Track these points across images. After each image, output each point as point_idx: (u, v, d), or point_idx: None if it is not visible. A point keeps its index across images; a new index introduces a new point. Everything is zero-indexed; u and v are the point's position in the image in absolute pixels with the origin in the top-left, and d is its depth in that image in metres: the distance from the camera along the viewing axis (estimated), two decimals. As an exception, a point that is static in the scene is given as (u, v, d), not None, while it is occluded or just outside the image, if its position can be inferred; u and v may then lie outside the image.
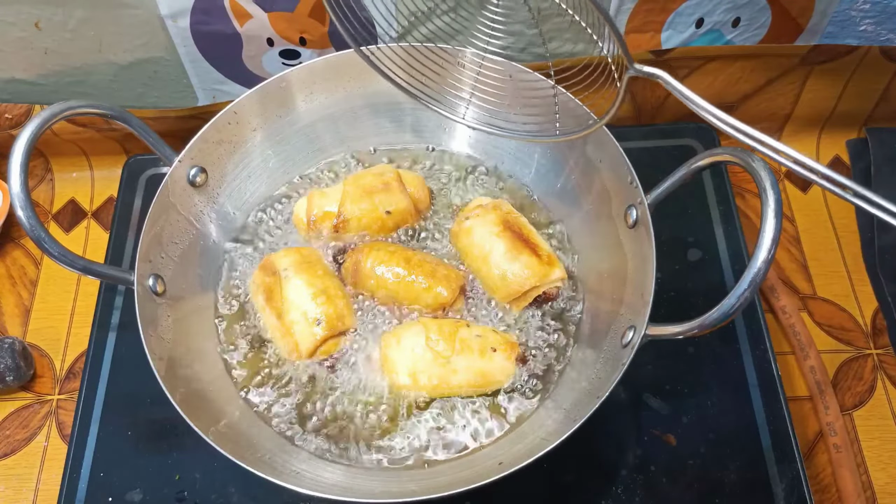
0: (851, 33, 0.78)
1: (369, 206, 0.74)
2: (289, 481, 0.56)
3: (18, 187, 0.58)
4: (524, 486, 0.68)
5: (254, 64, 0.82)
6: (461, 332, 0.67)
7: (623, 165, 0.65)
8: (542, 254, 0.71)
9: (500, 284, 0.71)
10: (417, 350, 0.67)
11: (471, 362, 0.66)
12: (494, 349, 0.67)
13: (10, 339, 0.78)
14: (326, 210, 0.74)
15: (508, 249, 0.70)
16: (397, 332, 0.69)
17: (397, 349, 0.67)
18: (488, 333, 0.68)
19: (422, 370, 0.66)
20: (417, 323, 0.69)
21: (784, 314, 0.79)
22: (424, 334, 0.67)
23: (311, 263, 0.71)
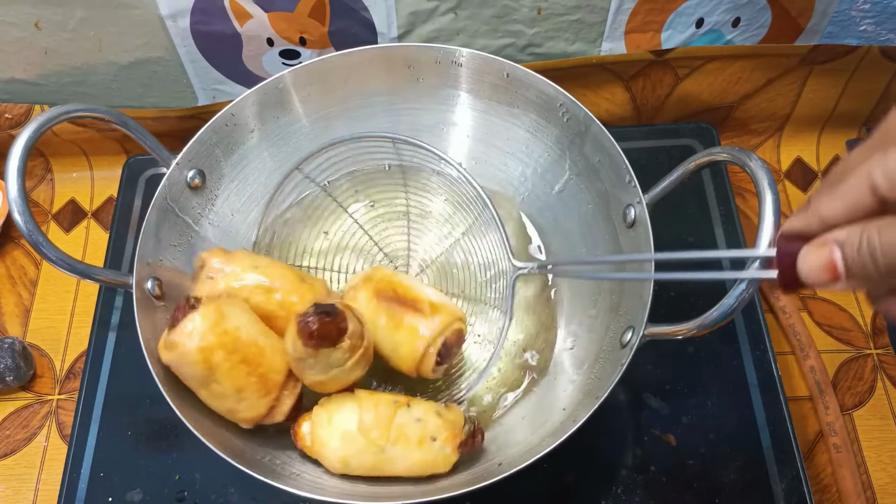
0: (851, 33, 0.78)
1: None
2: (288, 484, 0.56)
3: (16, 192, 0.58)
4: (524, 486, 0.68)
5: (254, 64, 0.82)
6: (399, 417, 0.60)
7: (621, 165, 0.65)
8: (423, 307, 0.63)
9: (396, 360, 0.64)
10: (349, 435, 0.60)
11: (407, 452, 0.60)
12: (434, 438, 0.60)
13: (10, 339, 0.78)
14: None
15: (388, 320, 0.64)
16: (329, 407, 0.62)
17: (328, 429, 0.61)
18: (430, 416, 0.61)
19: (353, 456, 0.60)
20: (352, 398, 0.62)
21: (784, 314, 0.80)
22: (358, 416, 0.60)
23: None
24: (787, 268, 0.40)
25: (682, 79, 0.87)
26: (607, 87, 0.88)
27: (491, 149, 0.78)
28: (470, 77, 0.75)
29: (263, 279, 0.65)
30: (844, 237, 0.38)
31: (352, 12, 0.76)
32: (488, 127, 0.77)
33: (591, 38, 0.80)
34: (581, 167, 0.72)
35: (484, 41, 0.80)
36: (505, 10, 0.77)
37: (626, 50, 0.82)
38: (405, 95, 0.77)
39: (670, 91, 0.89)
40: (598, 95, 0.89)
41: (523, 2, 0.76)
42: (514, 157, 0.77)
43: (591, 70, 0.85)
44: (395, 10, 0.76)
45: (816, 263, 0.39)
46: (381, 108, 0.78)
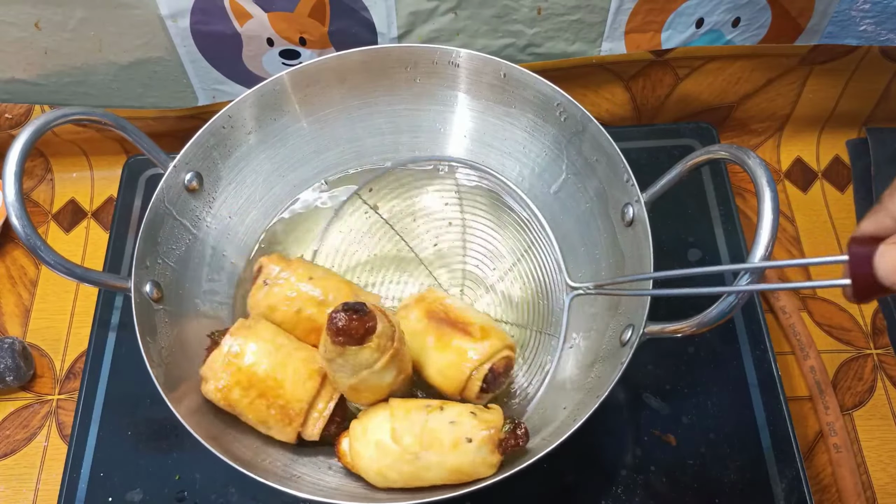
0: (851, 33, 0.78)
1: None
2: (289, 486, 0.56)
3: (13, 196, 0.58)
4: (524, 486, 0.68)
5: (254, 64, 0.82)
6: (431, 421, 0.58)
7: (619, 164, 0.65)
8: (473, 331, 0.63)
9: (441, 381, 0.63)
10: (382, 444, 0.58)
11: (442, 457, 0.57)
12: (470, 439, 0.57)
13: (10, 339, 0.78)
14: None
15: (437, 339, 0.63)
16: (364, 420, 0.61)
17: (363, 441, 0.59)
18: (464, 418, 0.58)
19: (389, 467, 0.58)
20: (385, 407, 0.61)
21: (784, 314, 0.79)
22: (390, 424, 0.59)
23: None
24: (862, 272, 0.37)
25: (682, 79, 0.87)
26: (607, 87, 0.88)
27: (489, 149, 0.78)
28: (467, 77, 0.75)
29: (317, 291, 0.66)
30: None
31: (352, 12, 0.76)
32: (486, 127, 0.77)
33: (591, 38, 0.80)
34: (579, 166, 0.72)
35: (484, 41, 0.80)
36: (505, 10, 0.77)
37: (626, 50, 0.82)
38: (403, 96, 0.77)
39: (670, 91, 0.89)
40: (598, 95, 0.89)
41: (523, 2, 0.76)
42: (512, 156, 0.77)
43: (591, 70, 0.85)
44: (395, 10, 0.76)
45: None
46: (380, 109, 0.78)
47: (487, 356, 0.62)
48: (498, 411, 0.60)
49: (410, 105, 0.77)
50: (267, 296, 0.65)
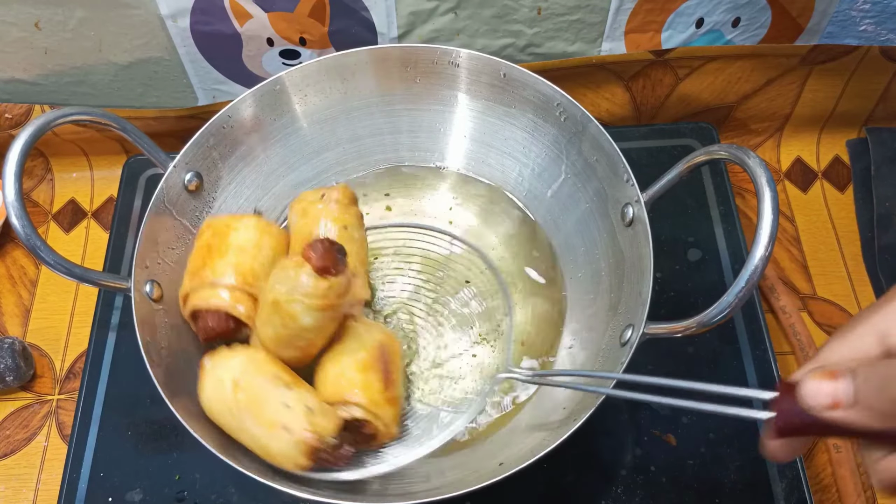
0: (851, 33, 0.78)
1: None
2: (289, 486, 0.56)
3: (13, 196, 0.58)
4: (524, 486, 0.68)
5: (254, 64, 0.82)
6: (271, 391, 0.57)
7: (619, 164, 0.65)
8: (376, 385, 0.61)
9: (321, 382, 0.62)
10: (220, 386, 0.58)
11: (257, 430, 0.56)
12: (288, 430, 0.55)
13: (10, 339, 0.78)
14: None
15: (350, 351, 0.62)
16: (217, 357, 0.60)
17: (209, 373, 0.59)
18: (300, 407, 0.56)
19: (217, 409, 0.58)
20: (245, 353, 0.60)
21: (784, 314, 0.79)
22: (238, 372, 0.58)
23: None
24: (788, 403, 0.40)
25: (682, 79, 0.87)
26: (607, 87, 0.88)
27: (488, 149, 0.78)
28: (467, 77, 0.75)
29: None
30: (856, 366, 0.38)
31: (352, 12, 0.76)
32: (486, 127, 0.77)
33: (591, 38, 0.80)
34: (579, 166, 0.72)
35: (484, 41, 0.80)
36: (505, 10, 0.77)
37: (626, 50, 0.82)
38: (403, 96, 0.77)
39: (670, 91, 0.89)
40: (598, 95, 0.89)
41: (523, 2, 0.76)
42: (512, 157, 0.77)
43: (591, 70, 0.85)
44: (395, 10, 0.76)
45: (821, 387, 0.38)
46: (380, 109, 0.78)
47: (366, 414, 0.60)
48: (334, 420, 0.58)
49: (410, 105, 0.77)
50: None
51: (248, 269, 0.64)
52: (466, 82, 0.75)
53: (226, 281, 0.63)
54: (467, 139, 0.79)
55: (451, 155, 0.80)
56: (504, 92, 0.74)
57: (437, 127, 0.79)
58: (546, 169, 0.75)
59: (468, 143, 0.79)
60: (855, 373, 0.38)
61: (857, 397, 0.37)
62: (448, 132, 0.79)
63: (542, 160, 0.75)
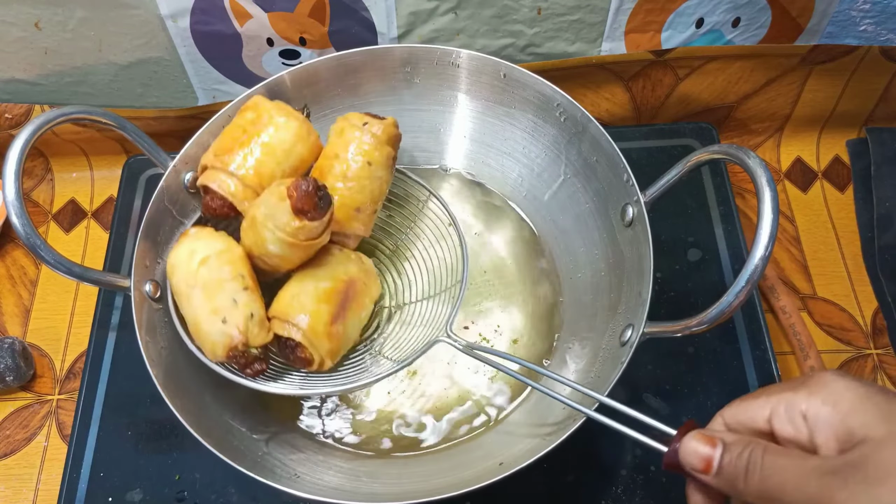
0: (851, 33, 0.78)
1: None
2: (289, 486, 0.56)
3: (13, 195, 0.58)
4: (524, 486, 0.68)
5: (254, 64, 0.82)
6: (230, 281, 0.60)
7: (619, 164, 0.65)
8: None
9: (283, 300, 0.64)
10: (189, 257, 0.61)
11: (200, 308, 0.60)
12: (225, 321, 0.59)
13: (10, 339, 0.78)
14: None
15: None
16: (203, 232, 0.63)
17: (188, 241, 0.62)
18: (245, 308, 0.59)
19: (176, 273, 0.62)
20: (226, 241, 0.63)
21: (784, 314, 0.79)
22: (212, 252, 0.61)
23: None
24: (674, 449, 0.45)
25: (682, 79, 0.87)
26: (607, 87, 0.88)
27: (488, 149, 0.78)
28: (467, 78, 0.75)
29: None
30: (731, 440, 0.43)
31: (352, 12, 0.76)
32: (486, 127, 0.77)
33: (591, 38, 0.80)
34: (579, 167, 0.72)
35: (484, 41, 0.80)
36: (505, 10, 0.77)
37: (626, 50, 0.82)
38: (403, 96, 0.77)
39: (670, 91, 0.89)
40: (598, 95, 0.89)
41: (523, 2, 0.76)
42: (512, 157, 0.77)
43: (591, 70, 0.85)
44: (395, 10, 0.76)
45: (697, 449, 0.44)
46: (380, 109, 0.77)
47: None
48: (266, 338, 0.60)
49: (410, 105, 0.77)
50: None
51: (267, 173, 0.64)
52: (466, 83, 0.75)
53: (242, 174, 0.64)
54: (467, 139, 0.79)
55: (451, 155, 0.80)
56: (504, 92, 0.74)
57: (436, 127, 0.79)
58: (546, 169, 0.75)
59: (468, 144, 0.79)
60: (727, 447, 0.43)
61: (720, 469, 0.42)
62: (448, 132, 0.79)
63: (542, 160, 0.75)
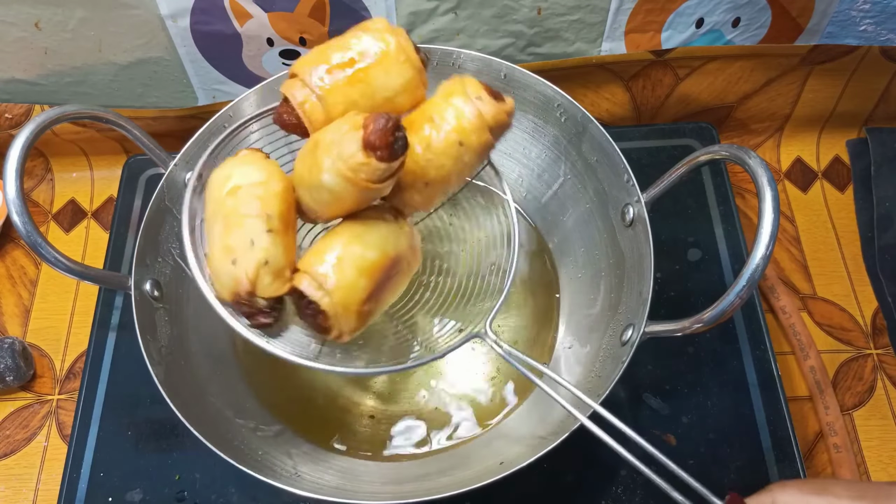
0: (851, 33, 0.78)
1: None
2: (290, 485, 0.56)
3: (14, 193, 0.58)
4: (524, 486, 0.68)
5: (254, 64, 0.82)
6: (253, 218, 0.53)
7: (619, 164, 0.65)
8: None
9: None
10: (225, 182, 0.55)
11: (216, 238, 0.55)
12: (235, 260, 0.53)
13: (10, 339, 0.78)
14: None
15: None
16: (248, 157, 0.58)
17: (230, 163, 0.57)
18: (262, 251, 0.53)
19: (208, 192, 0.57)
20: (276, 177, 0.56)
21: (784, 314, 0.79)
22: (250, 180, 0.55)
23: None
24: None
25: (682, 79, 0.87)
26: (607, 87, 0.88)
27: (489, 149, 0.78)
28: (468, 78, 0.74)
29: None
30: None
31: (352, 12, 0.76)
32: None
33: (591, 38, 0.80)
34: (579, 167, 0.72)
35: (484, 41, 0.80)
36: (505, 10, 0.77)
37: (626, 50, 0.82)
38: (404, 96, 0.77)
39: (670, 91, 0.89)
40: (598, 95, 0.89)
41: (523, 2, 0.76)
42: (512, 157, 0.77)
43: (591, 70, 0.85)
44: (395, 10, 0.76)
45: None
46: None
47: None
48: (278, 290, 0.54)
49: (410, 105, 0.77)
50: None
51: (352, 105, 0.55)
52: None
53: (329, 101, 0.55)
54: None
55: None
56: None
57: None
58: (546, 170, 0.75)
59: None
60: None
61: None
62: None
63: (542, 161, 0.75)
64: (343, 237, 0.55)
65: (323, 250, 0.54)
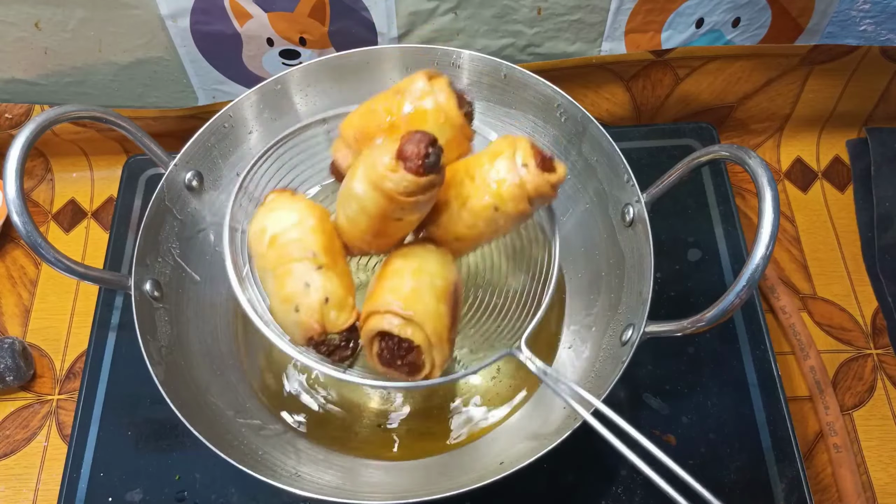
0: (851, 33, 0.78)
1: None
2: (290, 485, 0.56)
3: (14, 193, 0.58)
4: (524, 486, 0.68)
5: (254, 64, 0.82)
6: (299, 260, 0.53)
7: (619, 164, 0.65)
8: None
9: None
10: (263, 235, 0.55)
11: (273, 292, 0.54)
12: (297, 310, 0.53)
13: (10, 339, 0.78)
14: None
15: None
16: (277, 200, 0.58)
17: (260, 214, 0.57)
18: (319, 290, 0.53)
19: (254, 250, 0.56)
20: (311, 210, 0.56)
21: (784, 314, 0.79)
22: (285, 225, 0.54)
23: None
24: None
25: (682, 79, 0.87)
26: (607, 87, 0.88)
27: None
28: (468, 78, 0.74)
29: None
30: None
31: (352, 12, 0.76)
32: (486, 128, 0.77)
33: (591, 38, 0.80)
34: (579, 167, 0.72)
35: (484, 41, 0.80)
36: (505, 11, 0.77)
37: (626, 50, 0.82)
38: (404, 96, 0.77)
39: (670, 91, 0.89)
40: (598, 95, 0.89)
41: (523, 2, 0.76)
42: (513, 157, 0.77)
43: (592, 70, 0.85)
44: (395, 11, 0.76)
45: None
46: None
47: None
48: (348, 319, 0.54)
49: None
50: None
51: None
52: (467, 83, 0.75)
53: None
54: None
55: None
56: (504, 93, 0.74)
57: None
58: (546, 169, 0.75)
59: (468, 144, 0.79)
60: None
61: None
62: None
63: (543, 160, 0.75)
64: (405, 270, 0.54)
65: (391, 287, 0.53)
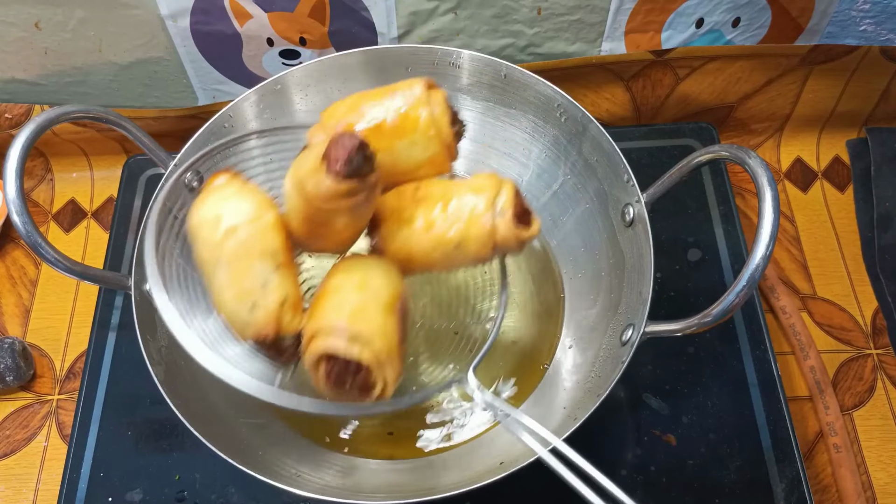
0: (851, 33, 0.78)
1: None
2: (290, 484, 0.56)
3: (14, 193, 0.58)
4: (524, 486, 0.68)
5: (254, 64, 0.82)
6: (258, 258, 0.51)
7: (619, 164, 0.65)
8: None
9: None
10: (217, 224, 0.51)
11: (226, 286, 0.51)
12: (254, 305, 0.51)
13: (10, 339, 0.78)
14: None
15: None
16: (231, 184, 0.55)
17: (212, 196, 0.53)
18: (276, 290, 0.51)
19: (200, 240, 0.53)
20: (268, 206, 0.53)
21: (784, 314, 0.79)
22: (244, 217, 0.51)
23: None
24: None
25: (682, 79, 0.87)
26: (607, 87, 0.88)
27: (489, 150, 0.78)
28: (468, 78, 0.74)
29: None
30: None
31: (352, 12, 0.76)
32: (486, 128, 0.77)
33: (591, 38, 0.80)
34: (579, 167, 0.72)
35: (484, 41, 0.80)
36: (505, 11, 0.77)
37: (626, 50, 0.82)
38: (404, 96, 0.77)
39: (670, 91, 0.89)
40: (598, 95, 0.89)
41: (523, 2, 0.76)
42: (512, 157, 0.77)
43: (592, 70, 0.85)
44: (395, 11, 0.76)
45: None
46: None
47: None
48: (299, 323, 0.52)
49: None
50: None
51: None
52: (467, 83, 0.75)
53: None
54: (467, 140, 0.78)
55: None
56: (504, 93, 0.74)
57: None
58: (546, 170, 0.75)
59: (468, 144, 0.79)
60: None
61: None
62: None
63: (543, 161, 0.75)
64: (347, 286, 0.52)
65: (335, 305, 0.51)
